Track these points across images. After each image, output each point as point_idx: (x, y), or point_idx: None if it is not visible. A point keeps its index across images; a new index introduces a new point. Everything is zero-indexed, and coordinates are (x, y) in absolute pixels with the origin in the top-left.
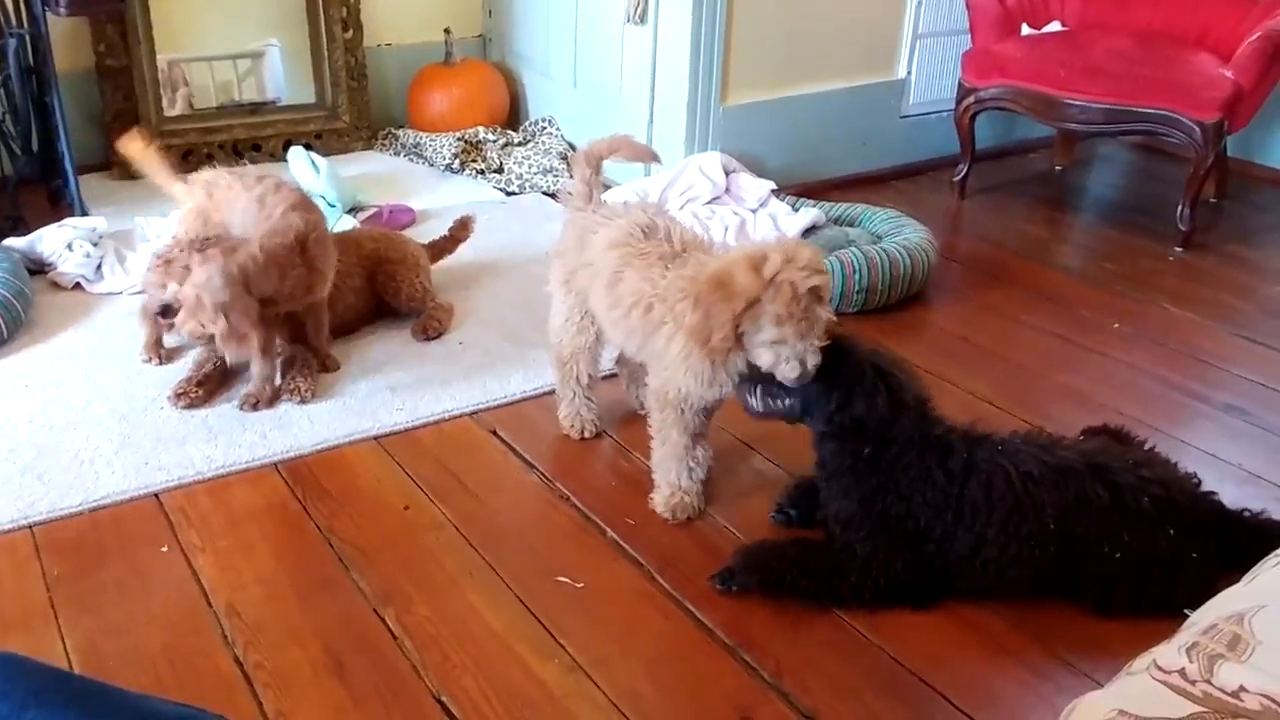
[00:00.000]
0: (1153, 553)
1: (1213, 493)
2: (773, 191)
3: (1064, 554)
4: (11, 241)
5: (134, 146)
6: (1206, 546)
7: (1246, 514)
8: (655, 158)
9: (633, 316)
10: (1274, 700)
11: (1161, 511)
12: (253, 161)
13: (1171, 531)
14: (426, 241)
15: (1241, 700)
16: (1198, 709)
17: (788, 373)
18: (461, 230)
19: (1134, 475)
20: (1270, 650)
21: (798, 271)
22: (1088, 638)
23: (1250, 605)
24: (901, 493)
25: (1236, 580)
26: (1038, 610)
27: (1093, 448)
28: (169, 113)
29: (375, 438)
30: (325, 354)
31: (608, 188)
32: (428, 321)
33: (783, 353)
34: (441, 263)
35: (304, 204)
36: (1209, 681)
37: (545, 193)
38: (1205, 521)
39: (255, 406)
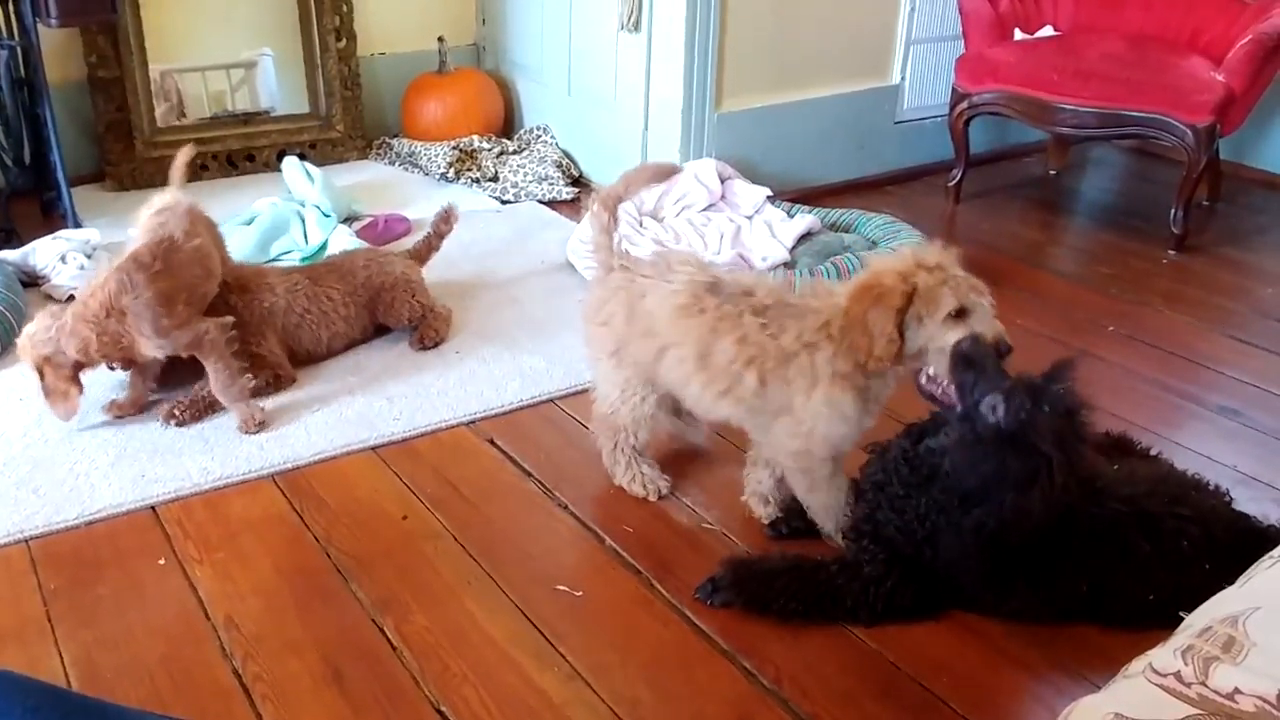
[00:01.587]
0: (1185, 587)
1: (1248, 516)
2: (768, 198)
3: (1094, 601)
4: (5, 254)
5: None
6: (1239, 575)
7: (1272, 529)
8: (675, 169)
9: (747, 383)
10: (1268, 702)
11: (1199, 551)
12: (247, 172)
13: (1208, 566)
14: (411, 246)
15: (1236, 702)
16: (1193, 711)
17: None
18: (444, 224)
19: (1174, 518)
20: (1264, 652)
21: (935, 256)
22: (1085, 641)
23: (1244, 607)
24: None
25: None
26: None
27: (1135, 492)
28: (162, 124)
29: (372, 448)
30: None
31: (590, 189)
32: (425, 331)
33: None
34: (436, 272)
35: (136, 259)
36: (1204, 684)
37: (540, 201)
38: (1241, 550)
39: (262, 426)
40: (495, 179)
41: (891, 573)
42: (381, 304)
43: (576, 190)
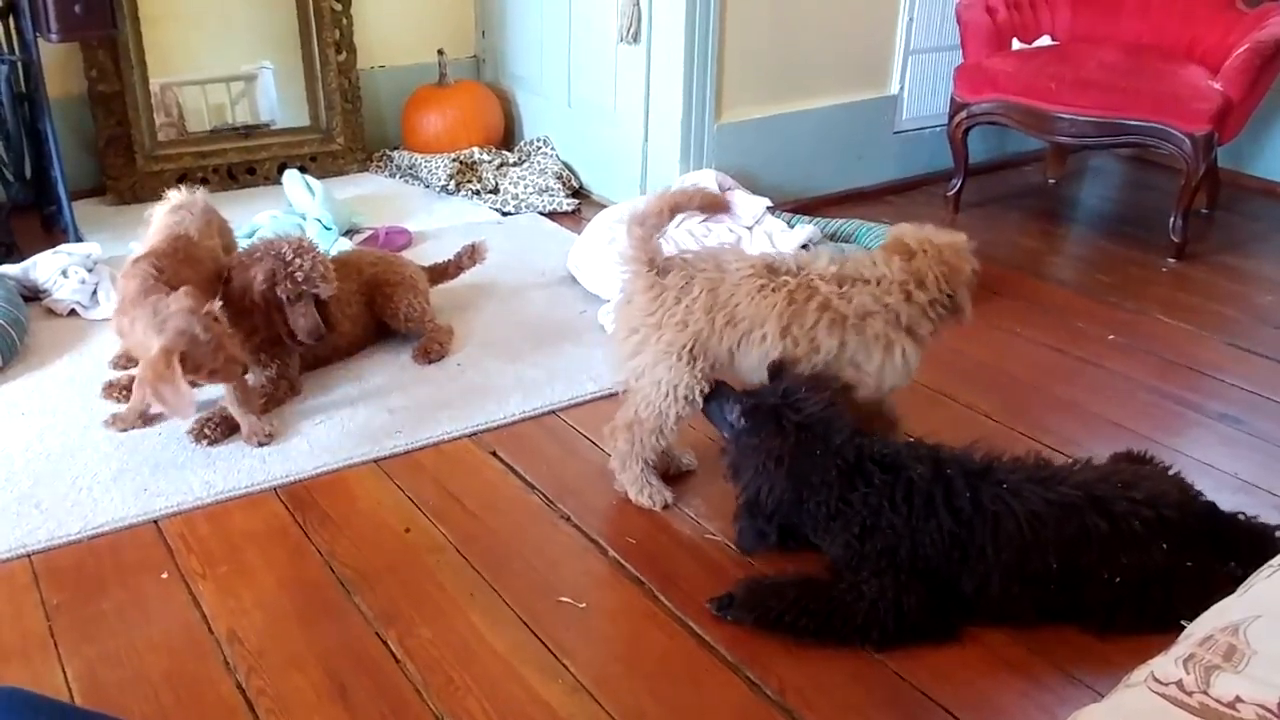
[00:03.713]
0: (1150, 569)
1: (1200, 494)
2: (768, 209)
3: (1067, 586)
4: (6, 268)
5: None
6: (1200, 552)
7: (1241, 516)
8: (728, 207)
9: (827, 346)
10: (1270, 711)
11: (1152, 531)
12: (247, 185)
13: (1165, 545)
14: (430, 264)
15: (1238, 711)
16: None
17: None
18: (469, 258)
19: (1125, 501)
20: (1265, 660)
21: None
22: (1088, 649)
23: (1245, 615)
24: (899, 531)
25: (1232, 590)
26: (1038, 623)
27: (1087, 477)
28: (163, 137)
29: (375, 460)
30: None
31: (602, 206)
32: (429, 345)
33: None
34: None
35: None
36: (1205, 693)
37: (541, 212)
38: (1196, 529)
39: (270, 438)
40: (496, 191)
41: (889, 586)
42: (381, 298)
43: (577, 202)
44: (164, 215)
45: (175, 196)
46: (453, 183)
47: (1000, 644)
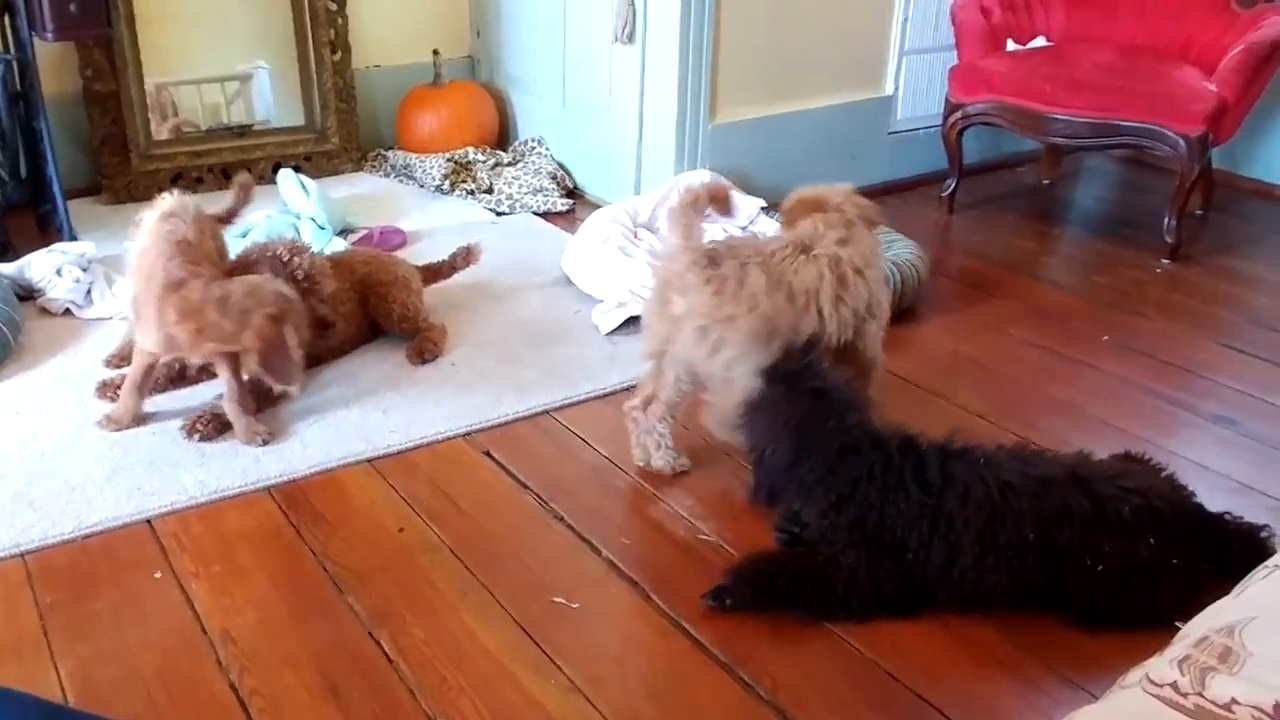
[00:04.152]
0: (1134, 562)
1: (1191, 493)
2: (762, 209)
3: (1045, 564)
4: (1, 267)
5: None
6: (1188, 551)
7: (1228, 516)
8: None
9: (862, 296)
10: (1265, 713)
11: (1142, 521)
12: None
13: (1152, 540)
14: (425, 263)
15: (1233, 713)
16: None
17: None
18: (464, 259)
19: (1114, 486)
20: (1261, 662)
21: None
22: (1081, 650)
23: (1241, 617)
24: (871, 503)
25: (1224, 589)
26: (1031, 622)
27: (1074, 460)
28: (160, 137)
29: (368, 460)
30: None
31: (596, 206)
32: (423, 344)
33: None
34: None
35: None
36: (1201, 695)
37: (535, 212)
38: (1186, 527)
39: (271, 436)
40: (490, 191)
41: (862, 557)
42: (375, 297)
43: (571, 202)
44: (155, 222)
45: (166, 201)
46: (447, 183)
47: (992, 644)
